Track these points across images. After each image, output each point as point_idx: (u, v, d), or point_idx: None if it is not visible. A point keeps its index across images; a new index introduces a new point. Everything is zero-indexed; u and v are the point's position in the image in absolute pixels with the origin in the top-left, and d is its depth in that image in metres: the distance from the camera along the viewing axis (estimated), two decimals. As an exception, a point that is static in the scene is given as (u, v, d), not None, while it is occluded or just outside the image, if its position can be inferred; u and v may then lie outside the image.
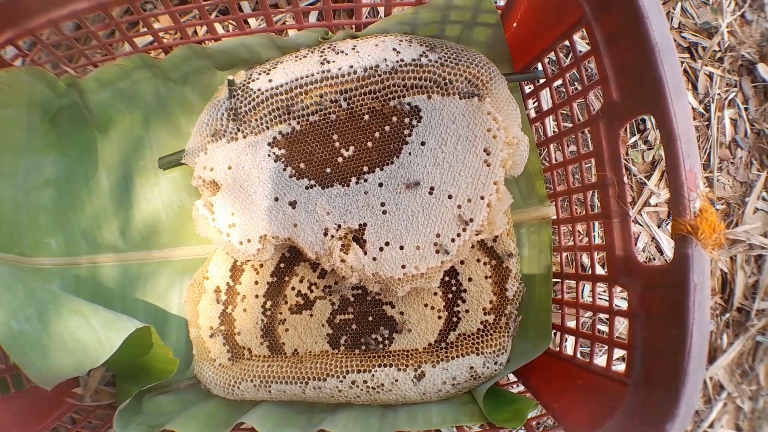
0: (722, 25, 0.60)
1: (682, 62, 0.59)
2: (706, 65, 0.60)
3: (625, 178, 0.35)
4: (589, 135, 0.37)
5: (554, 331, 0.42)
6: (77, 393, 0.48)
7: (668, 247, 0.56)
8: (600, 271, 0.50)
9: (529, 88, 0.45)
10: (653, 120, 0.33)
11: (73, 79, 0.43)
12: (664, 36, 0.30)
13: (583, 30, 0.36)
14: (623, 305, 0.35)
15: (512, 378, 0.45)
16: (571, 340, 0.41)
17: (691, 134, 0.30)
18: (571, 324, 0.43)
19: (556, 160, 0.44)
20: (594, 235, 0.42)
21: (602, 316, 0.43)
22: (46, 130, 0.45)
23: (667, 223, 0.57)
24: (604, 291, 0.41)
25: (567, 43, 0.38)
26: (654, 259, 0.57)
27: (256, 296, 0.41)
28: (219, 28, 0.44)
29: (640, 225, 0.56)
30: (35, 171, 0.45)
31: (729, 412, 0.61)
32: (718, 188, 0.59)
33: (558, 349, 0.41)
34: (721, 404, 0.59)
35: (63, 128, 0.45)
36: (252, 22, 0.51)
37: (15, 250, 0.43)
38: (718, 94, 0.60)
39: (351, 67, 0.38)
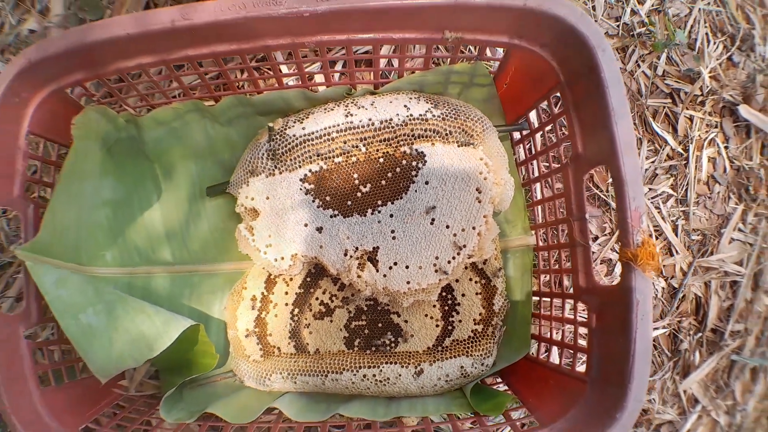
0: (704, 72, 0.74)
1: (664, 107, 0.73)
2: (686, 109, 0.74)
3: (602, 212, 0.49)
4: (562, 179, 0.51)
5: (533, 340, 0.56)
6: (123, 385, 0.63)
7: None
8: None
9: (518, 136, 0.59)
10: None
11: (132, 116, 0.58)
12: (620, 103, 0.44)
13: (558, 93, 0.50)
14: (586, 318, 0.49)
15: (497, 379, 0.58)
16: (544, 347, 0.54)
17: (637, 182, 0.44)
18: (547, 334, 0.57)
19: (537, 198, 0.58)
20: (563, 261, 0.55)
21: (570, 326, 0.57)
22: (104, 158, 0.59)
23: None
24: (572, 307, 0.54)
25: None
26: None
27: (286, 304, 0.56)
28: (261, 83, 0.59)
29: (613, 251, 0.69)
30: (95, 193, 0.59)
31: (704, 424, 0.73)
32: (694, 221, 0.72)
33: (535, 354, 0.55)
34: (696, 416, 0.72)
35: (119, 158, 0.59)
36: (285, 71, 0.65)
37: (75, 260, 0.57)
38: (698, 135, 0.74)
39: (370, 119, 0.52)
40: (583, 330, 0.50)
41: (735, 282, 0.73)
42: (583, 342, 0.50)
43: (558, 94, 0.50)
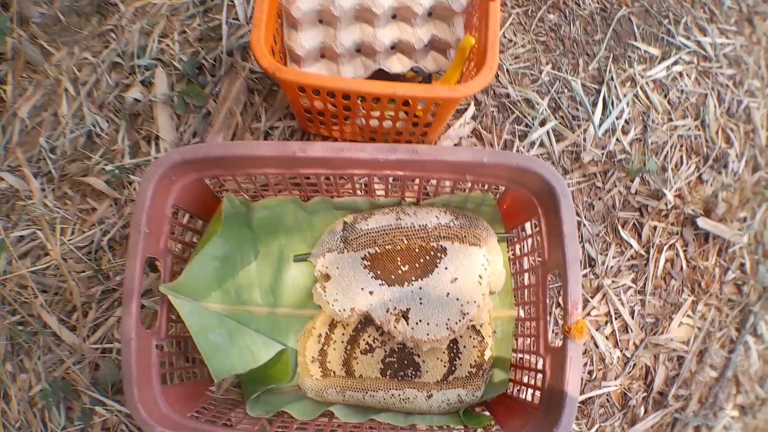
0: (668, 194, 1.10)
1: (633, 219, 1.10)
2: (651, 220, 1.10)
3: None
4: (534, 274, 0.88)
5: (509, 382, 0.93)
6: (212, 390, 0.99)
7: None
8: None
9: (511, 241, 0.96)
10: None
11: (246, 200, 0.96)
12: (571, 231, 0.80)
13: (536, 219, 0.87)
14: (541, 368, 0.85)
15: (482, 407, 0.95)
16: (516, 386, 0.91)
17: (577, 284, 0.79)
18: (518, 377, 0.93)
19: (522, 284, 0.95)
20: (533, 328, 0.92)
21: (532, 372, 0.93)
22: (218, 225, 0.96)
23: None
24: (535, 359, 0.90)
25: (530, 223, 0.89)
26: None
27: (342, 342, 0.94)
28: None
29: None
30: (211, 250, 0.96)
31: (648, 471, 1.08)
32: (649, 307, 1.08)
33: (510, 391, 0.92)
34: None
35: (229, 226, 0.97)
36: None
37: (192, 296, 0.94)
38: (659, 241, 1.10)
39: (412, 223, 0.91)
40: (540, 376, 0.86)
41: (681, 357, 1.08)
42: (540, 384, 0.85)
43: (536, 220, 0.87)
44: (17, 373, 1.04)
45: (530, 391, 0.86)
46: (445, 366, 0.93)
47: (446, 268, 0.91)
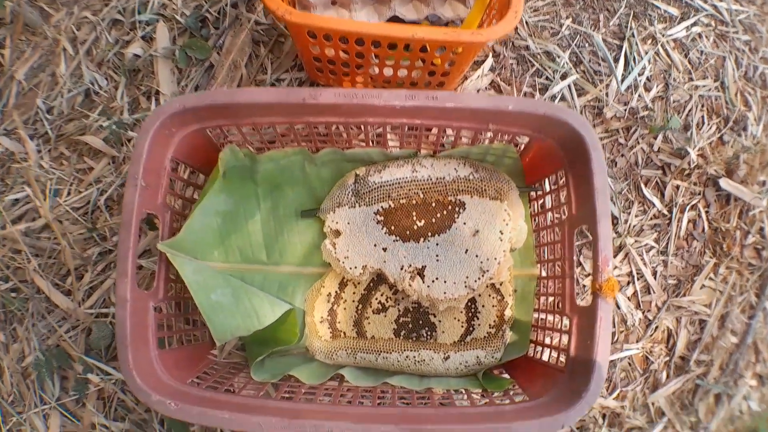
0: (691, 152, 1.05)
1: (655, 177, 1.04)
2: (674, 179, 1.05)
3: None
4: (559, 230, 0.83)
5: (530, 343, 0.87)
6: (215, 354, 0.94)
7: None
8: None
9: (533, 195, 0.91)
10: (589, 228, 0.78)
11: (251, 152, 0.89)
12: (602, 184, 0.75)
13: (563, 171, 0.81)
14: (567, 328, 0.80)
15: (502, 370, 0.90)
16: (539, 349, 0.85)
17: (608, 239, 0.74)
18: (540, 339, 0.88)
19: (543, 241, 0.89)
20: (557, 287, 0.86)
21: (556, 334, 0.88)
22: (221, 180, 0.90)
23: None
24: (558, 320, 0.85)
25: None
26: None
27: (353, 301, 0.88)
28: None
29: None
30: (213, 205, 0.90)
31: (670, 435, 1.03)
32: (671, 268, 1.03)
33: (531, 354, 0.87)
34: (662, 426, 1.02)
35: (232, 180, 0.91)
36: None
37: (193, 254, 0.88)
38: (682, 201, 1.05)
39: (429, 176, 0.85)
40: (564, 338, 0.81)
41: (703, 320, 1.04)
42: (564, 345, 0.80)
43: (562, 172, 0.82)
44: (10, 343, 1.00)
45: (553, 353, 0.81)
46: (462, 326, 0.88)
47: (465, 223, 0.85)
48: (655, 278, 1.03)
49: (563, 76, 1.06)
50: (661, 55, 1.12)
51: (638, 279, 1.02)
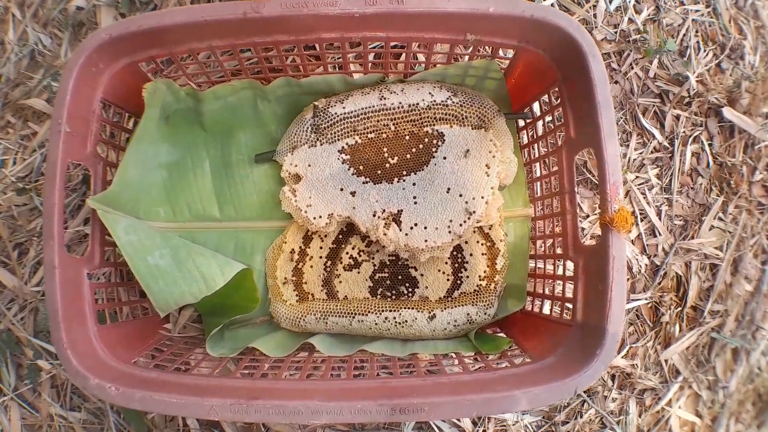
0: (691, 77, 0.92)
1: (653, 106, 0.92)
2: (674, 108, 0.92)
3: (593, 194, 0.67)
4: (555, 159, 0.69)
5: (528, 296, 0.74)
6: (168, 328, 0.80)
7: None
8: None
9: (522, 123, 0.77)
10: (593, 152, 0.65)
11: (193, 90, 0.75)
12: (605, 98, 0.62)
13: (557, 88, 0.68)
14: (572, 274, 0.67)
15: (497, 329, 0.77)
16: (538, 302, 0.72)
17: (616, 162, 0.62)
18: (540, 290, 0.75)
19: (536, 175, 0.76)
20: (556, 227, 0.73)
21: (559, 282, 0.75)
22: (162, 126, 0.76)
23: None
24: (560, 264, 0.72)
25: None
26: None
27: (320, 257, 0.74)
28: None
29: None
30: (154, 157, 0.76)
31: (686, 395, 0.91)
32: (677, 207, 0.91)
33: (530, 308, 0.73)
34: (677, 386, 0.90)
35: (175, 126, 0.77)
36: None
37: (134, 213, 0.75)
38: (683, 132, 0.92)
39: (400, 103, 0.71)
40: (569, 286, 0.68)
41: (714, 265, 0.92)
42: (569, 295, 0.67)
43: (556, 89, 0.69)
44: None
45: (557, 305, 0.69)
46: (448, 279, 0.74)
47: (445, 158, 0.72)
48: (660, 219, 0.90)
49: (545, -4, 0.93)
50: (650, -22, 1.00)
51: (642, 220, 0.90)
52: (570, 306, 0.66)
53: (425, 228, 0.71)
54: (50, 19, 0.96)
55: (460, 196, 0.71)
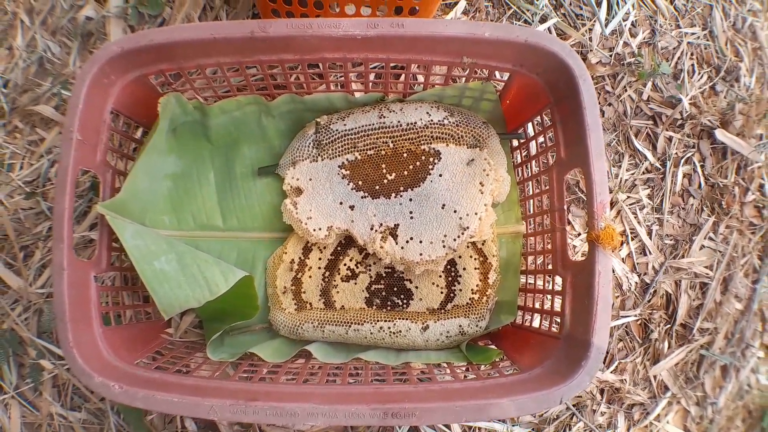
0: (684, 99, 0.97)
1: (646, 127, 0.97)
2: (666, 130, 0.97)
3: (585, 214, 0.72)
4: (547, 178, 0.74)
5: (519, 310, 0.79)
6: (169, 332, 0.84)
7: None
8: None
9: (516, 143, 0.82)
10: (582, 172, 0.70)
11: (200, 104, 0.80)
12: (594, 120, 0.67)
13: (549, 110, 0.73)
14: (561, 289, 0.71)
15: (488, 342, 0.81)
16: (527, 315, 0.77)
17: (603, 181, 0.66)
18: (530, 304, 0.79)
19: (529, 194, 0.81)
20: (547, 244, 0.78)
21: (548, 296, 0.79)
22: (170, 138, 0.81)
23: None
24: (549, 281, 0.77)
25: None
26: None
27: (319, 268, 0.79)
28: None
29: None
30: (161, 167, 0.81)
31: (675, 411, 0.95)
32: (668, 227, 0.95)
33: (520, 322, 0.78)
34: (666, 402, 0.94)
35: (182, 138, 0.82)
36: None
37: (141, 221, 0.79)
38: (675, 153, 0.97)
39: (398, 122, 0.76)
40: (557, 300, 0.72)
41: (704, 284, 0.96)
42: (558, 309, 0.72)
43: (549, 111, 0.73)
44: None
45: (546, 319, 0.74)
46: (442, 292, 0.79)
47: (441, 175, 0.76)
48: (650, 238, 0.95)
49: (542, 20, 0.98)
50: (646, 1, 1.04)
51: (633, 239, 0.95)
52: (558, 319, 0.71)
53: (420, 242, 0.75)
54: (59, 28, 1.00)
55: (455, 212, 0.75)
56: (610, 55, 0.98)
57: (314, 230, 0.77)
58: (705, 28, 1.05)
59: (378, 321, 0.77)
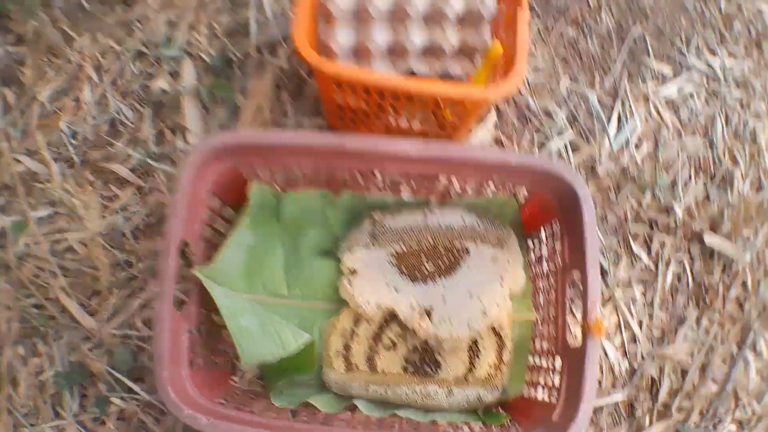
0: (678, 210, 1.15)
1: (643, 232, 1.15)
2: (660, 233, 1.15)
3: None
4: (554, 276, 0.92)
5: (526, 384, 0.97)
6: (236, 380, 1.02)
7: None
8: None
9: (531, 246, 1.01)
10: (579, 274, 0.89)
11: (277, 193, 0.99)
12: (592, 235, 0.84)
13: (557, 221, 0.91)
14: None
15: (499, 407, 0.99)
16: (532, 389, 0.95)
17: (596, 283, 0.83)
18: (534, 379, 0.97)
19: (539, 288, 0.99)
20: (551, 331, 0.96)
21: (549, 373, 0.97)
22: (247, 217, 1.00)
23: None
24: (551, 361, 0.94)
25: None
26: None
27: (366, 337, 0.98)
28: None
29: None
30: (242, 240, 0.99)
31: (653, 478, 1.11)
32: (656, 321, 1.13)
33: (526, 393, 0.96)
34: None
35: (257, 217, 1.00)
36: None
37: (222, 284, 0.97)
38: (667, 256, 1.15)
39: (438, 223, 0.96)
40: (556, 377, 0.89)
41: (685, 370, 1.13)
42: (556, 384, 0.89)
43: (557, 222, 0.92)
44: (29, 356, 1.04)
45: (546, 391, 0.91)
46: (465, 365, 0.97)
47: (469, 268, 0.95)
48: (641, 329, 1.12)
49: (559, 133, 1.17)
50: (653, 114, 1.23)
51: (625, 330, 1.12)
52: (555, 392, 0.86)
53: (450, 323, 0.94)
54: (129, 91, 1.15)
55: (479, 300, 0.94)
56: (616, 167, 1.17)
57: (365, 305, 0.95)
58: (706, 136, 1.23)
59: (412, 384, 0.95)
